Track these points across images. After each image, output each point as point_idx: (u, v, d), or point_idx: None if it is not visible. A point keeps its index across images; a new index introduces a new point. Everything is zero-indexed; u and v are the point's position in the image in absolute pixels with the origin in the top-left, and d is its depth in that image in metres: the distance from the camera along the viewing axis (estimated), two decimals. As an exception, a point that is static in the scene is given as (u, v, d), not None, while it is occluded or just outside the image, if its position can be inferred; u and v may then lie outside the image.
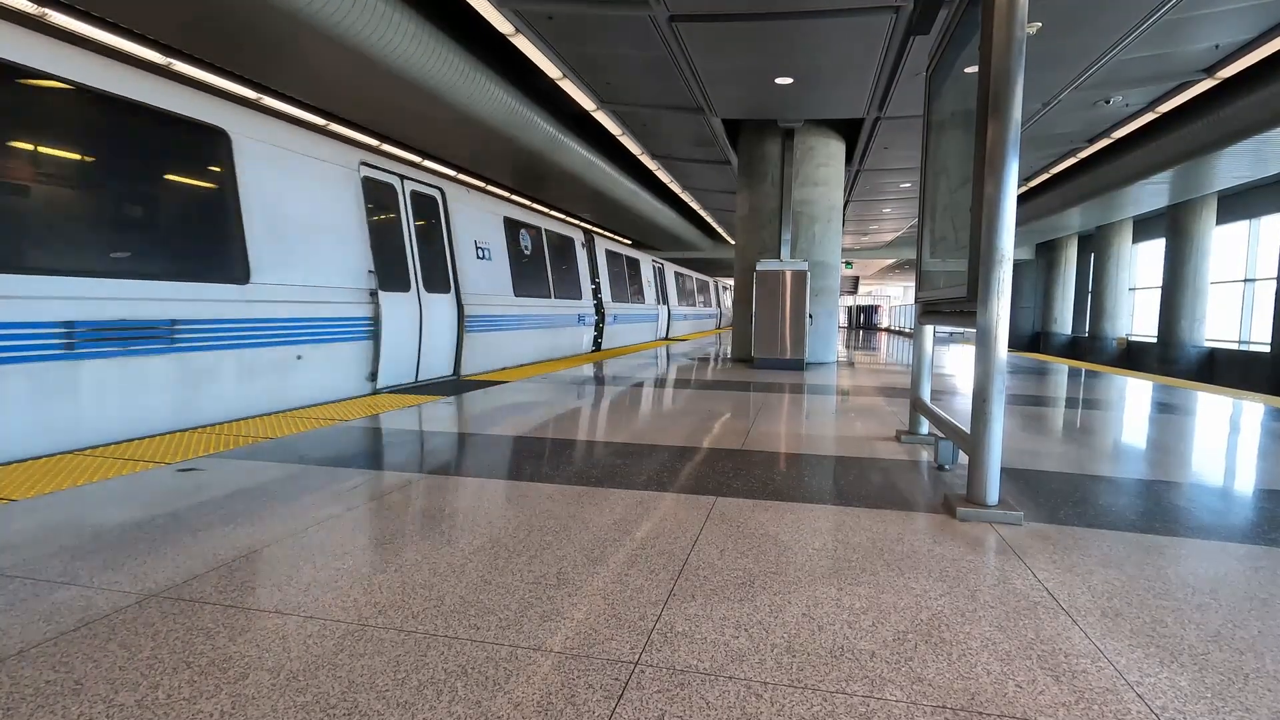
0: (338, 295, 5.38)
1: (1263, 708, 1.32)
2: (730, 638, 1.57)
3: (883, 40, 5.95)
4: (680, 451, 3.57)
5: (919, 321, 3.89)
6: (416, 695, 1.32)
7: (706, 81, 7.14)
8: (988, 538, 2.29)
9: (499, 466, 3.18)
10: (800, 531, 2.32)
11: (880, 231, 20.97)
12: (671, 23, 5.69)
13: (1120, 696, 1.35)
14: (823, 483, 2.99)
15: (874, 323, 39.35)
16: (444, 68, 6.78)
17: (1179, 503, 2.74)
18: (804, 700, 1.33)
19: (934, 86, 3.74)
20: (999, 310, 2.45)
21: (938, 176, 3.56)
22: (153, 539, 2.13)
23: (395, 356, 6.03)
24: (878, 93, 7.43)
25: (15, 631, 1.54)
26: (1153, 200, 15.49)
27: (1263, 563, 2.09)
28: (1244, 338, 15.85)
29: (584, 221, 19.53)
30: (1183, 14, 5.52)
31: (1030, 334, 26.23)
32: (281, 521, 2.32)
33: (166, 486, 2.73)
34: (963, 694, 1.36)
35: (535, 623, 1.62)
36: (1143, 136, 10.30)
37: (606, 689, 1.35)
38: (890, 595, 1.81)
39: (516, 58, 7.56)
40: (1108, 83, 7.18)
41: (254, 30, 5.83)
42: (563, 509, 2.52)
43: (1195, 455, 3.71)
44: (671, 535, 2.26)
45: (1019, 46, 2.40)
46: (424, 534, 2.23)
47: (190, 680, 1.36)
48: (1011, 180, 2.42)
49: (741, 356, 9.44)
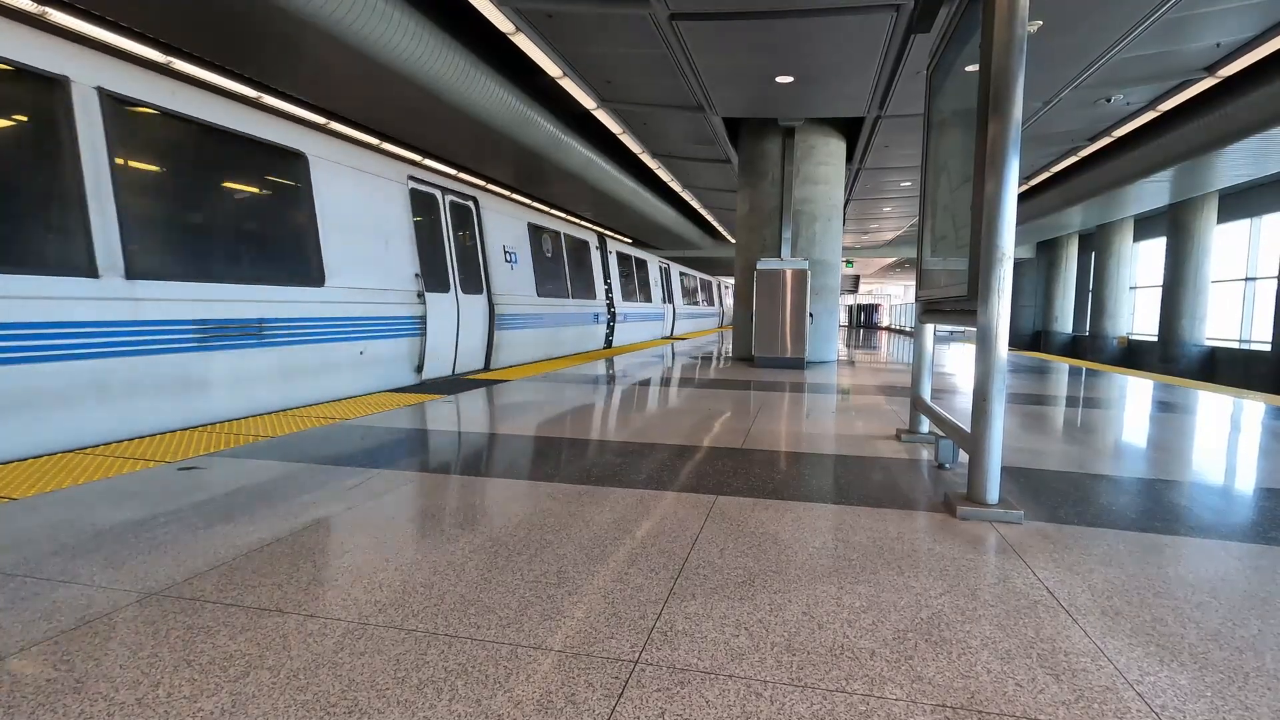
0: (393, 296, 6.02)
1: (1263, 706, 1.32)
2: (730, 636, 1.57)
3: (883, 39, 5.94)
4: (681, 450, 3.57)
5: (919, 320, 3.89)
6: (417, 694, 1.32)
7: (707, 80, 7.13)
8: (988, 536, 2.29)
9: (501, 466, 3.18)
10: (800, 530, 2.32)
11: (881, 230, 20.96)
12: (672, 21, 5.68)
13: (1120, 695, 1.35)
14: (823, 481, 2.99)
15: (874, 321, 39.35)
16: (444, 66, 6.77)
17: (1179, 501, 2.74)
18: (804, 699, 1.33)
19: (935, 85, 3.73)
20: (999, 309, 2.45)
21: (938, 175, 3.56)
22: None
23: (437, 352, 6.65)
24: (878, 91, 7.42)
25: (16, 630, 1.54)
26: (1154, 199, 15.48)
27: (1263, 561, 2.09)
28: (1245, 336, 15.84)
29: (585, 220, 19.53)
30: (1184, 12, 5.51)
31: (1031, 333, 26.21)
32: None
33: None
34: (963, 693, 1.36)
35: (535, 621, 1.63)
36: (1144, 135, 10.29)
37: (607, 687, 1.35)
38: (890, 594, 1.82)
39: (517, 56, 7.55)
40: (1109, 81, 7.18)
41: (254, 29, 5.83)
42: (563, 507, 2.52)
43: (1195, 454, 3.71)
44: (672, 534, 2.26)
45: (1020, 45, 2.40)
46: (424, 532, 2.23)
47: (191, 678, 1.36)
48: (1012, 179, 2.42)
49: (742, 355, 9.44)
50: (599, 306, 11.98)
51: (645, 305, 15.45)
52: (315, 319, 5.16)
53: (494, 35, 7.01)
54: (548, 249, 9.76)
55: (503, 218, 8.40)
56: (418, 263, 6.37)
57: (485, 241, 7.78)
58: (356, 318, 5.60)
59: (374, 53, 6.05)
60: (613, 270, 12.92)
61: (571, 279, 10.63)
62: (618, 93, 7.86)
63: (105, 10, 5.78)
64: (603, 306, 12.17)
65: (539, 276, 9.18)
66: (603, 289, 12.15)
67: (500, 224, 8.28)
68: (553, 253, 9.95)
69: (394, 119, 8.90)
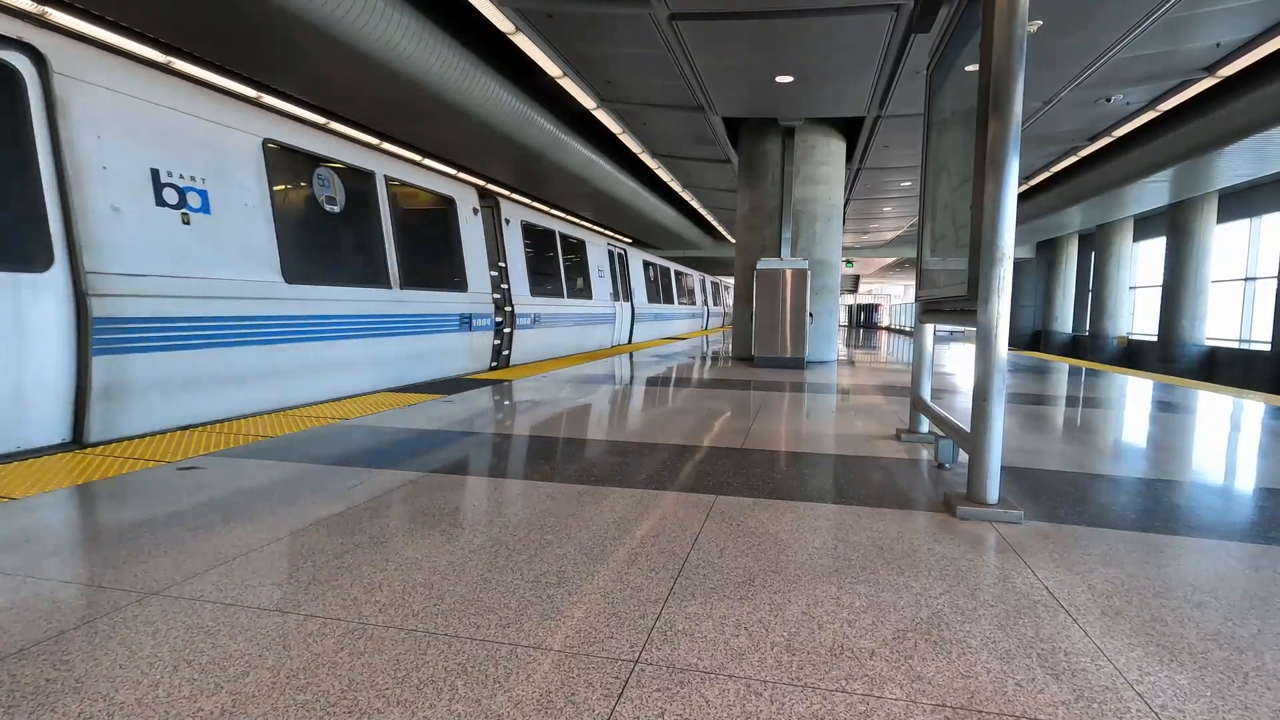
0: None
1: (1262, 706, 1.32)
2: (730, 636, 1.57)
3: (883, 38, 5.94)
4: (681, 450, 3.57)
5: (919, 320, 3.89)
6: (417, 693, 1.32)
7: (707, 80, 7.13)
8: (988, 536, 2.29)
9: (501, 465, 3.18)
10: (800, 530, 2.32)
11: (881, 230, 20.97)
12: (672, 21, 5.68)
13: (1120, 695, 1.35)
14: (823, 481, 2.99)
15: (874, 321, 39.35)
16: (444, 66, 6.77)
17: (1179, 501, 2.74)
18: (804, 699, 1.33)
19: (935, 85, 3.73)
20: (999, 309, 2.45)
21: (938, 175, 3.56)
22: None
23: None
24: (878, 91, 7.42)
25: (16, 630, 1.54)
26: (1154, 199, 15.48)
27: (1262, 561, 2.09)
28: (1245, 336, 15.84)
29: (585, 220, 19.53)
30: (1184, 12, 5.51)
31: (1031, 332, 26.22)
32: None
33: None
34: (962, 692, 1.36)
35: (535, 621, 1.63)
36: (1144, 135, 10.29)
37: (607, 687, 1.35)
38: (890, 594, 1.82)
39: (517, 56, 7.55)
40: (1109, 81, 7.18)
41: (254, 28, 5.83)
42: (563, 507, 2.52)
43: (1195, 454, 3.71)
44: (672, 534, 2.26)
45: (1020, 45, 2.40)
46: (424, 531, 2.23)
47: (191, 678, 1.36)
48: (1012, 178, 2.42)
49: (742, 355, 9.44)
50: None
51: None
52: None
53: (494, 35, 7.01)
54: None
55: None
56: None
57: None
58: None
59: (374, 53, 6.05)
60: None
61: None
62: (618, 93, 7.86)
63: (105, 10, 5.78)
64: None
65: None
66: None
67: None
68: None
69: (394, 118, 8.90)
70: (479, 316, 7.35)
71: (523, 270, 8.74)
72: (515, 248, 8.60)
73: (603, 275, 11.95)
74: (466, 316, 7.09)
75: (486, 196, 8.12)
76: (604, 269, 12.07)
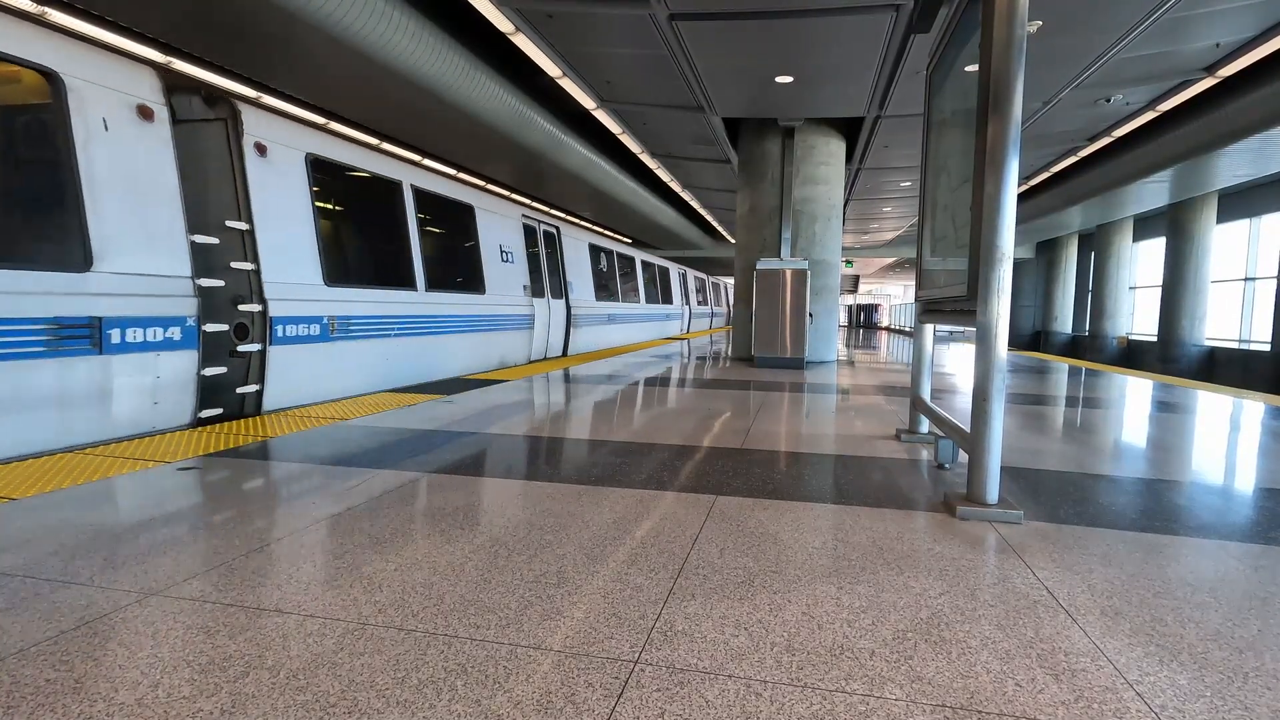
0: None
1: (1262, 706, 1.32)
2: (730, 636, 1.57)
3: (883, 39, 5.94)
4: (680, 450, 3.57)
5: (919, 320, 3.89)
6: (416, 694, 1.32)
7: (706, 80, 7.13)
8: (987, 536, 2.29)
9: (501, 465, 3.18)
10: (800, 530, 2.32)
11: (880, 230, 20.96)
12: (671, 21, 5.68)
13: (1120, 695, 1.35)
14: (823, 481, 2.99)
15: (874, 321, 39.35)
16: (444, 66, 6.77)
17: (1179, 501, 2.74)
18: (804, 699, 1.33)
19: (934, 85, 3.73)
20: (999, 309, 2.45)
21: (938, 175, 3.56)
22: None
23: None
24: (878, 91, 7.42)
25: (16, 630, 1.54)
26: (1153, 199, 15.48)
27: (1262, 561, 2.09)
28: (1244, 336, 15.84)
29: (585, 220, 19.52)
30: (1184, 12, 5.51)
31: (1030, 333, 26.22)
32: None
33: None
34: (962, 693, 1.36)
35: (535, 621, 1.63)
36: (1143, 135, 10.29)
37: (606, 687, 1.35)
38: (890, 594, 1.82)
39: (517, 56, 7.55)
40: (1108, 81, 7.18)
41: (254, 28, 5.83)
42: (563, 507, 2.52)
43: (1195, 454, 3.71)
44: (671, 534, 2.26)
45: (1019, 45, 2.40)
46: (423, 532, 2.23)
47: (191, 678, 1.36)
48: (1012, 179, 2.42)
49: (742, 355, 9.44)
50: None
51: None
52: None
53: (494, 35, 7.01)
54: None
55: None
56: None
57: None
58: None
59: (374, 53, 6.04)
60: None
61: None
62: (617, 93, 7.86)
63: (105, 10, 5.78)
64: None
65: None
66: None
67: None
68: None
69: (394, 119, 8.90)
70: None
71: (308, 241, 4.97)
72: (277, 196, 4.86)
73: (510, 260, 8.64)
74: None
75: (216, 103, 4.82)
76: (513, 252, 8.77)
